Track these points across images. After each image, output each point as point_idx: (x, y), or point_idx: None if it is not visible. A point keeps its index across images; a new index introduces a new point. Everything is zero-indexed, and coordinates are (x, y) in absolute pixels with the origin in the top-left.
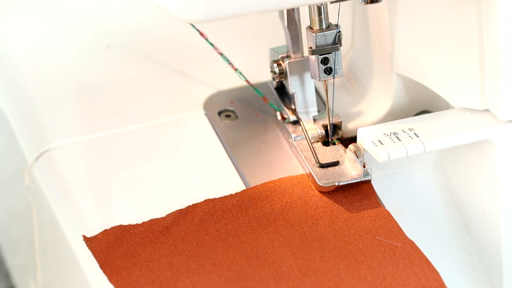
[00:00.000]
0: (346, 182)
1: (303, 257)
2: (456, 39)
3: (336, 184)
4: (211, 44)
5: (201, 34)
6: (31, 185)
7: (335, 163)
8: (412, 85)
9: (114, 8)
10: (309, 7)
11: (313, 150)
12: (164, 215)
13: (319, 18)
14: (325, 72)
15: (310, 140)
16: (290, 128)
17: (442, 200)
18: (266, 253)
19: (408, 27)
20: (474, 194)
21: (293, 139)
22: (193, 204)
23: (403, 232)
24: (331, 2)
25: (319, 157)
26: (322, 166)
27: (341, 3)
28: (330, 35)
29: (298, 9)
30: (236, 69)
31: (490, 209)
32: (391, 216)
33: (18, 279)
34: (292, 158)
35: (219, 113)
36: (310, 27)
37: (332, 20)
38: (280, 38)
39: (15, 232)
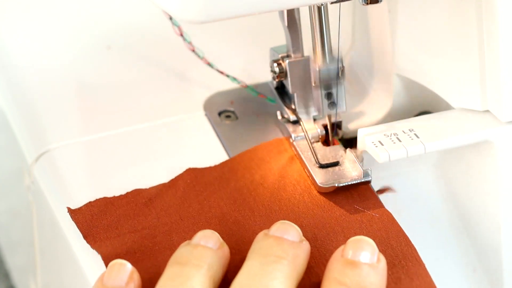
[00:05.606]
0: (346, 183)
1: None
2: (457, 40)
3: (336, 185)
4: (199, 56)
5: (191, 48)
6: (31, 185)
7: (335, 164)
8: (412, 86)
9: (114, 8)
10: (310, 8)
11: (313, 150)
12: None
13: (323, 52)
14: (329, 107)
15: (310, 140)
16: (290, 128)
17: (442, 201)
18: (247, 224)
19: (408, 27)
20: (475, 195)
21: (293, 139)
22: (175, 177)
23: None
24: (332, 3)
25: (319, 157)
26: (322, 166)
27: (341, 3)
28: (333, 70)
29: (298, 9)
30: (228, 76)
31: (490, 210)
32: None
33: (18, 279)
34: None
35: (219, 114)
36: (313, 59)
37: (332, 20)
38: (280, 38)
39: (15, 232)
